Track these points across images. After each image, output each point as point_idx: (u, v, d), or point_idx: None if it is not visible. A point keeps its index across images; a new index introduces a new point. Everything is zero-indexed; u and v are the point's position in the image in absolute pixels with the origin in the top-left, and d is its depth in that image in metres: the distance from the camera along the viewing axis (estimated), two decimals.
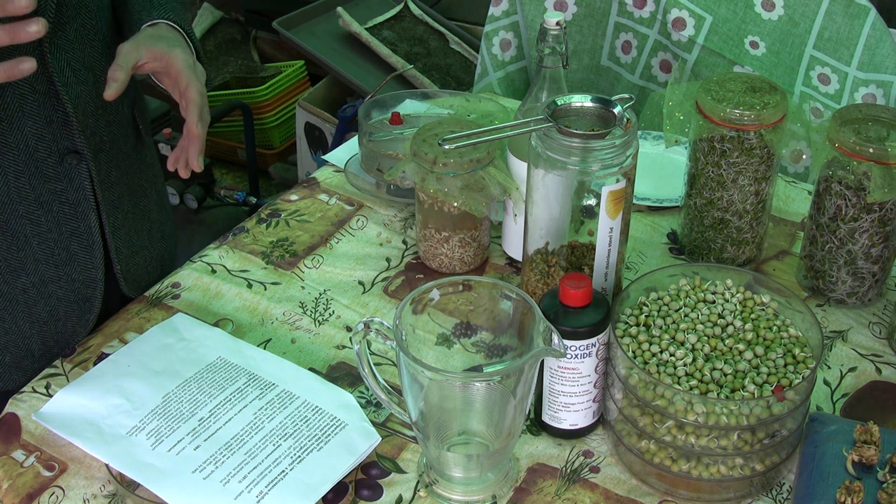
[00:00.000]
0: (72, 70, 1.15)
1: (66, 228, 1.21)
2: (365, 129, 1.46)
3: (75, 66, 1.16)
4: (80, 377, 1.13)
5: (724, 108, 1.22)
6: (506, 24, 1.95)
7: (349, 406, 1.09)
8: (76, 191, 1.20)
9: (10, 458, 1.07)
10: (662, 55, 1.88)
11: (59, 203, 1.19)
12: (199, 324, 1.21)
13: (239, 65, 3.29)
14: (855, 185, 1.19)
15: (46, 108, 1.14)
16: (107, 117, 1.24)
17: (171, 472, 1.00)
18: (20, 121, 1.12)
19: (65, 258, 1.22)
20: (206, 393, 1.09)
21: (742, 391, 0.99)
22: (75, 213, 1.21)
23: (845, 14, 1.69)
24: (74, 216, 1.21)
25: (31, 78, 1.11)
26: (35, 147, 1.14)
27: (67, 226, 1.21)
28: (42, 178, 1.16)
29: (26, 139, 1.13)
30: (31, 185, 1.16)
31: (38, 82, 1.12)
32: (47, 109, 1.14)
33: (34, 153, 1.15)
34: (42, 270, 1.20)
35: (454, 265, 1.32)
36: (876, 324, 1.26)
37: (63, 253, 1.21)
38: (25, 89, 1.12)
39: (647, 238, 1.41)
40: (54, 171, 1.17)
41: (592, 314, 1.02)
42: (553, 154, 1.06)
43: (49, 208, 1.18)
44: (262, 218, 1.44)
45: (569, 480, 1.05)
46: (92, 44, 1.19)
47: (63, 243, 1.21)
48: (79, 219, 1.21)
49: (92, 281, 1.26)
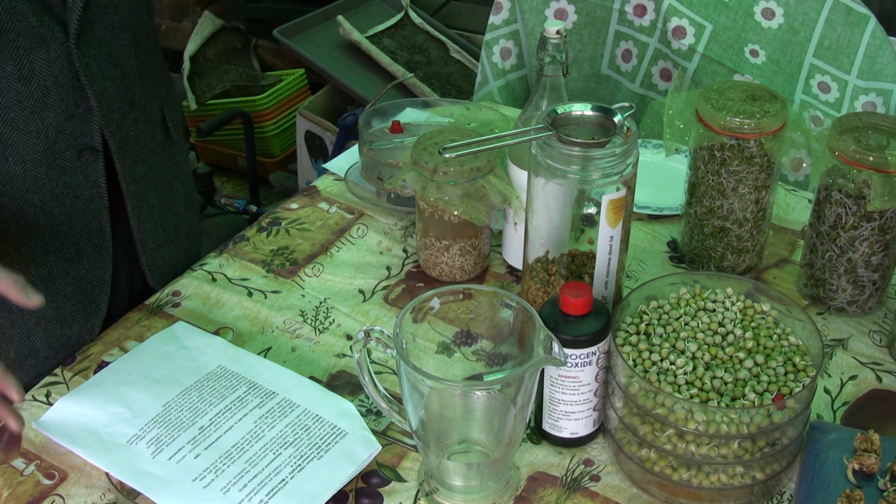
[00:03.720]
0: (98, 66, 1.17)
1: (78, 223, 1.22)
2: (365, 138, 1.46)
3: (102, 63, 1.17)
4: (81, 385, 1.13)
5: (724, 116, 1.22)
6: (506, 33, 1.96)
7: (349, 415, 1.09)
8: (91, 187, 1.21)
9: (10, 467, 1.06)
10: (662, 63, 1.89)
11: (72, 198, 1.20)
12: (200, 332, 1.22)
13: (239, 73, 3.29)
14: (855, 194, 1.19)
15: (69, 102, 1.15)
16: (134, 113, 1.25)
17: (172, 481, 1.00)
18: (42, 111, 1.14)
19: (74, 253, 1.23)
20: (207, 401, 1.09)
21: (742, 399, 0.99)
22: (88, 210, 1.22)
23: (845, 22, 1.69)
24: (87, 212, 1.22)
25: (56, 70, 1.13)
26: (55, 139, 1.16)
27: (79, 221, 1.22)
28: (59, 170, 1.17)
29: (47, 130, 1.15)
30: (47, 176, 1.17)
31: (63, 76, 1.14)
32: (70, 103, 1.16)
33: (53, 145, 1.16)
34: (51, 263, 1.21)
35: (454, 274, 1.33)
36: (876, 332, 1.26)
37: (73, 248, 1.22)
38: (49, 81, 1.13)
39: (648, 246, 1.41)
40: (71, 165, 1.18)
41: (593, 323, 1.02)
42: (553, 163, 1.06)
43: (63, 201, 1.19)
44: (262, 226, 1.44)
45: (569, 489, 1.05)
46: (121, 42, 1.21)
47: (73, 238, 1.22)
48: (91, 215, 1.22)
49: (99, 281, 1.26)
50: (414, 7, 3.08)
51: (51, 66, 1.13)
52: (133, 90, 1.24)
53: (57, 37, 1.12)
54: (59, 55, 1.13)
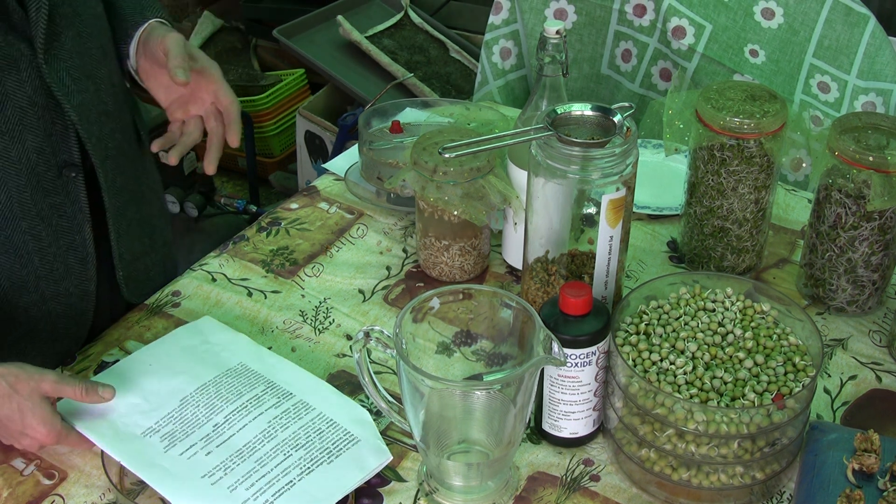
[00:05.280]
0: (71, 79, 1.15)
1: (64, 242, 1.20)
2: (365, 138, 1.46)
3: (75, 75, 1.16)
4: (101, 373, 1.13)
5: (724, 116, 1.22)
6: (506, 33, 1.96)
7: (364, 422, 1.08)
8: (72, 203, 1.19)
9: (10, 467, 1.07)
10: (662, 64, 1.89)
11: (57, 216, 1.19)
12: (225, 328, 1.21)
13: (239, 73, 3.29)
14: (855, 194, 1.19)
15: (46, 121, 1.14)
16: (111, 124, 1.24)
17: (180, 476, 1.00)
18: (21, 134, 1.12)
19: (63, 272, 1.22)
20: (224, 398, 1.09)
21: (742, 399, 0.99)
22: (72, 226, 1.21)
23: (845, 22, 1.69)
24: (71, 229, 1.21)
25: (30, 90, 1.11)
26: (36, 161, 1.14)
27: (65, 239, 1.20)
28: (43, 192, 1.16)
29: (28, 153, 1.13)
30: (32, 199, 1.15)
31: (36, 95, 1.12)
32: (46, 122, 1.14)
33: (35, 167, 1.14)
34: (42, 287, 1.20)
35: (454, 274, 1.33)
36: (876, 332, 1.26)
37: (61, 267, 1.21)
38: (24, 102, 1.12)
39: (647, 246, 1.41)
40: (53, 184, 1.17)
41: (592, 323, 1.02)
42: (553, 163, 1.06)
43: (49, 222, 1.18)
44: (262, 226, 1.44)
45: (569, 489, 1.05)
46: (90, 52, 1.19)
47: (61, 257, 1.21)
48: (74, 231, 1.21)
49: (85, 294, 1.25)
50: (414, 7, 3.08)
51: (23, 87, 1.11)
52: (106, 100, 1.22)
53: (25, 55, 1.10)
54: (30, 74, 1.11)
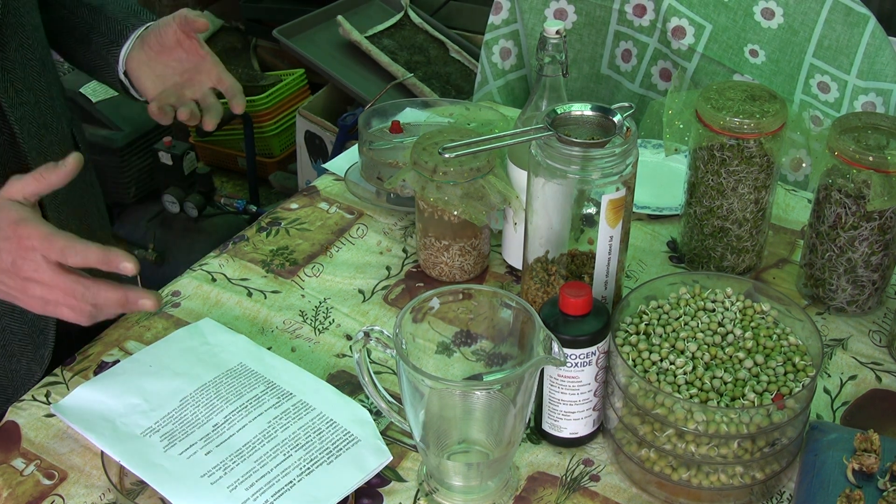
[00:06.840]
0: (15, 90, 1.14)
1: None
2: (365, 138, 1.46)
3: (18, 87, 1.14)
4: (102, 374, 1.13)
5: (724, 116, 1.22)
6: (506, 33, 1.96)
7: (364, 422, 1.08)
8: None
9: (9, 467, 1.07)
10: (662, 64, 1.89)
11: None
12: (225, 329, 1.21)
13: (239, 73, 3.29)
14: (855, 194, 1.19)
15: None
16: (49, 137, 1.21)
17: (180, 475, 1.00)
18: None
19: None
20: (224, 398, 1.09)
21: (742, 399, 0.99)
22: None
23: (845, 22, 1.69)
24: None
25: None
26: None
27: None
28: None
29: None
30: None
31: None
32: None
33: None
34: None
35: (454, 274, 1.33)
36: (876, 332, 1.26)
37: None
38: None
39: (647, 246, 1.41)
40: None
41: (592, 323, 1.02)
42: (553, 163, 1.06)
43: None
44: (262, 226, 1.44)
45: (569, 489, 1.05)
46: (31, 63, 1.18)
47: None
48: None
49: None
50: (414, 7, 3.08)
51: None
52: (45, 113, 1.21)
53: None
54: None
